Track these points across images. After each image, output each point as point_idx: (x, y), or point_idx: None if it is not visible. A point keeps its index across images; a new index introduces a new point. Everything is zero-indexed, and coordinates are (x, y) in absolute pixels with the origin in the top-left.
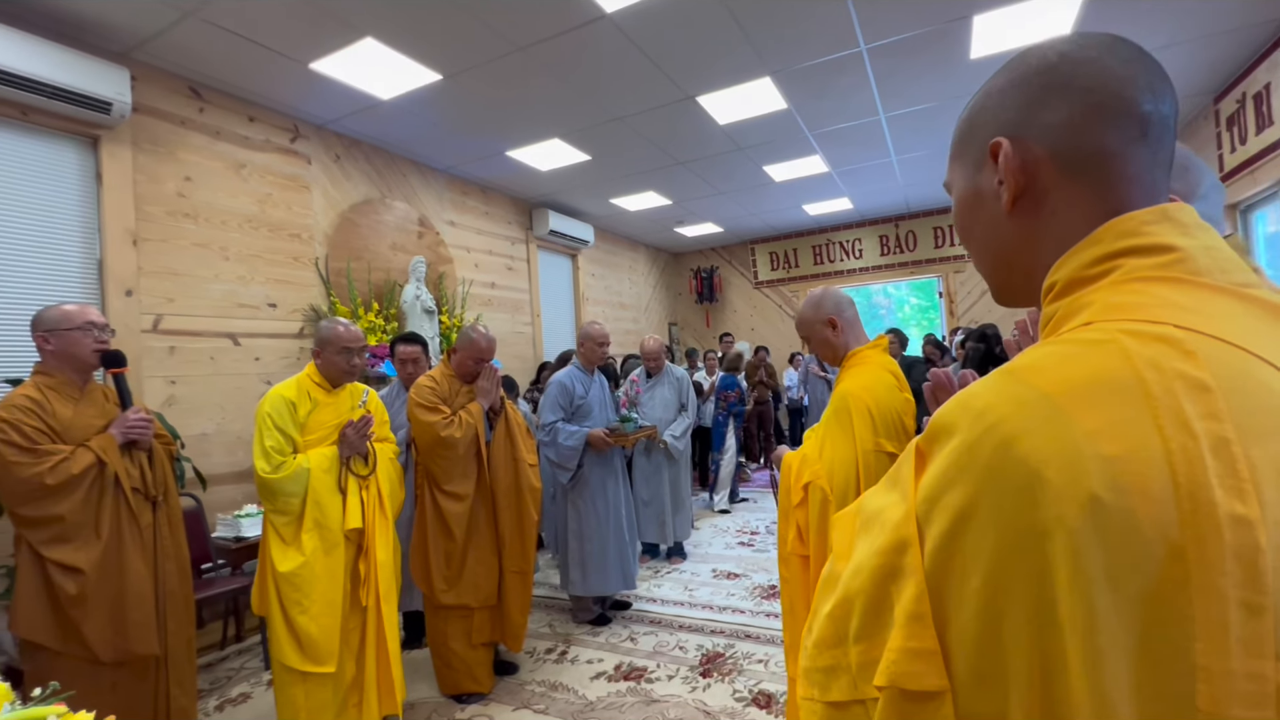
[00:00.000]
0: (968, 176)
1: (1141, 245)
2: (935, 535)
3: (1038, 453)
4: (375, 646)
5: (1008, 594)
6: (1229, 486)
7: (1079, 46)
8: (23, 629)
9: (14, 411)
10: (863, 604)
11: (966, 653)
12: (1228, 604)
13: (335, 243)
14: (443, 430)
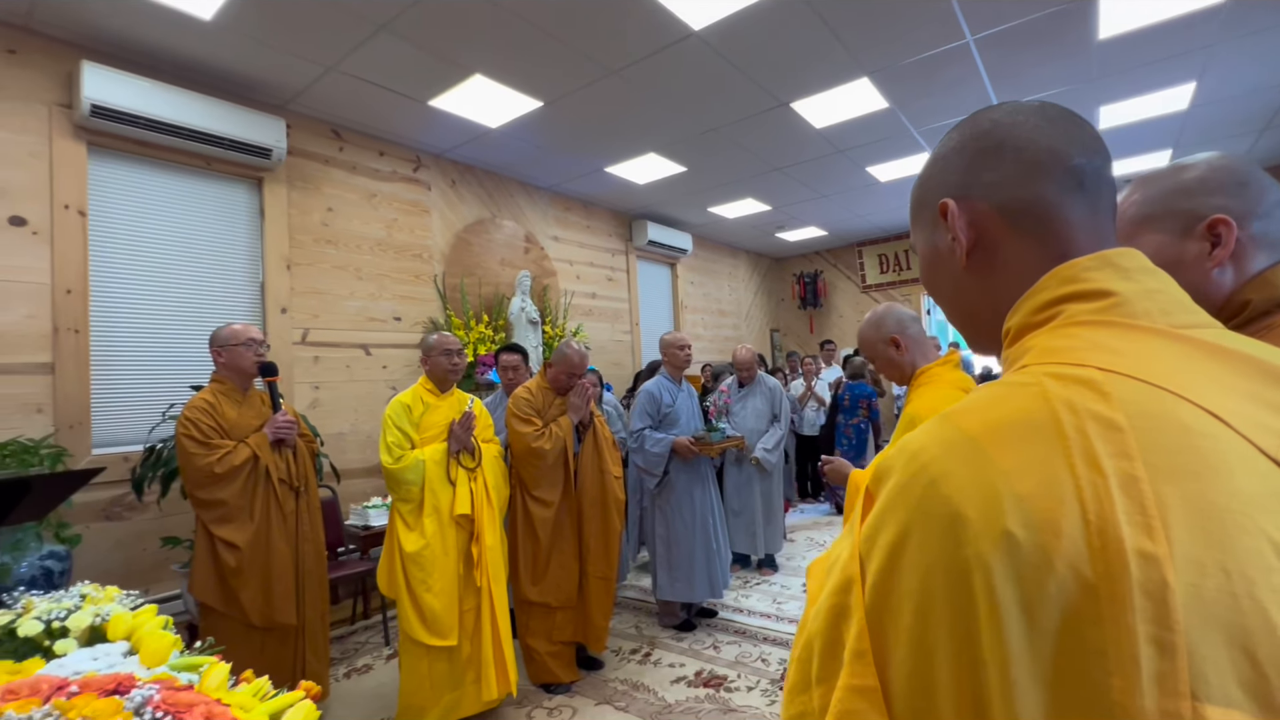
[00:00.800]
0: (925, 237)
1: (1080, 291)
2: (872, 572)
3: (960, 492)
4: (490, 625)
5: (936, 629)
6: (1137, 523)
7: (1009, 114)
8: (197, 591)
9: (195, 412)
10: (820, 645)
11: (902, 689)
12: (1138, 640)
13: (451, 260)
14: (534, 441)
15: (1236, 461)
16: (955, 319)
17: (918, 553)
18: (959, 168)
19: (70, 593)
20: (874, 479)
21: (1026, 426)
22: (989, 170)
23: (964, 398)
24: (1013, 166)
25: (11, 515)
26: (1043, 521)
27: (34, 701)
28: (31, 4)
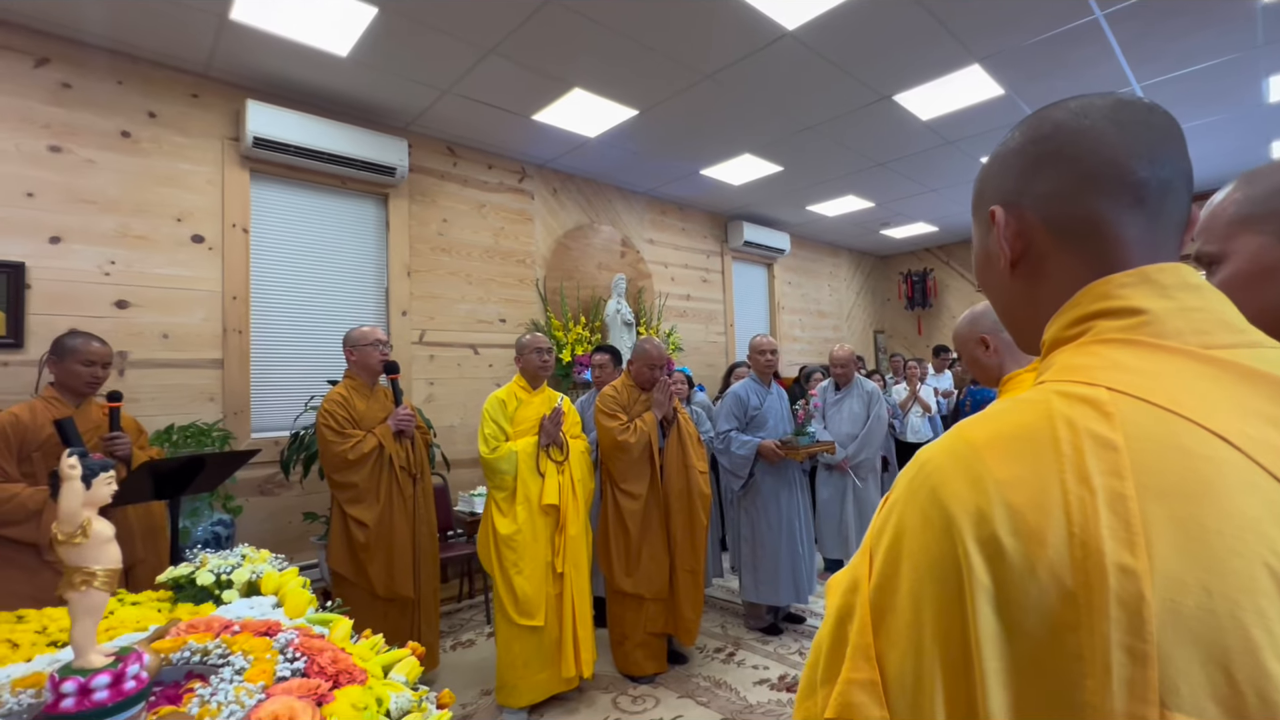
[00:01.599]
0: (980, 236)
1: (1111, 308)
2: (876, 569)
3: (956, 497)
4: (571, 611)
5: (927, 626)
6: (1120, 539)
7: (1075, 115)
8: (333, 562)
9: (331, 404)
10: (826, 647)
11: (897, 682)
12: (1111, 647)
13: (552, 265)
14: (619, 435)
15: (1237, 484)
16: (1003, 319)
17: (915, 553)
18: (1015, 172)
19: (234, 553)
20: (893, 484)
21: (1025, 440)
22: (1043, 179)
23: (974, 415)
24: (1067, 179)
25: (191, 486)
26: (1029, 531)
27: (208, 635)
28: (210, 54)
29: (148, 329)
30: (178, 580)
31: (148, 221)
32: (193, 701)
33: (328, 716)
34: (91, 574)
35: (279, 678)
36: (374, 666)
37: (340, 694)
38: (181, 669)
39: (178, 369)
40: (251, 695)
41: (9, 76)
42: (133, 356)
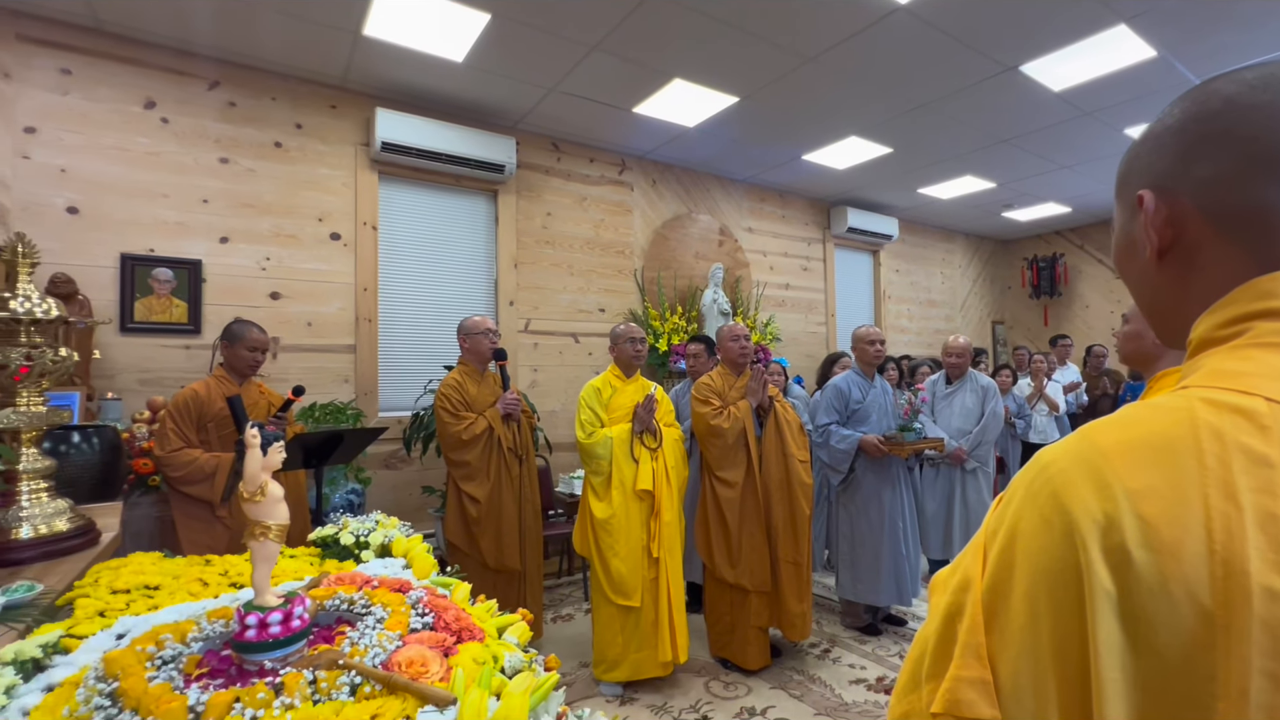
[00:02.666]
0: (1123, 220)
1: (1274, 309)
2: (990, 569)
3: (1080, 503)
4: (667, 594)
5: (1044, 632)
6: (1269, 561)
7: (1251, 88)
8: (448, 533)
9: (447, 388)
10: (933, 644)
11: (1010, 686)
12: (1251, 671)
13: (650, 255)
14: (712, 419)
15: None
16: (1144, 313)
17: (1034, 556)
18: (1171, 153)
19: (369, 518)
20: (1010, 485)
21: (1163, 450)
22: (1205, 162)
23: (1102, 418)
24: (1235, 162)
25: (332, 458)
26: (1163, 544)
27: (353, 588)
28: (346, 68)
29: (295, 317)
30: (325, 539)
31: (295, 222)
32: (345, 642)
33: (453, 666)
34: (267, 527)
35: (412, 629)
36: (490, 628)
37: (463, 649)
38: (333, 614)
39: (319, 353)
40: (391, 642)
41: (189, 99)
42: (284, 342)
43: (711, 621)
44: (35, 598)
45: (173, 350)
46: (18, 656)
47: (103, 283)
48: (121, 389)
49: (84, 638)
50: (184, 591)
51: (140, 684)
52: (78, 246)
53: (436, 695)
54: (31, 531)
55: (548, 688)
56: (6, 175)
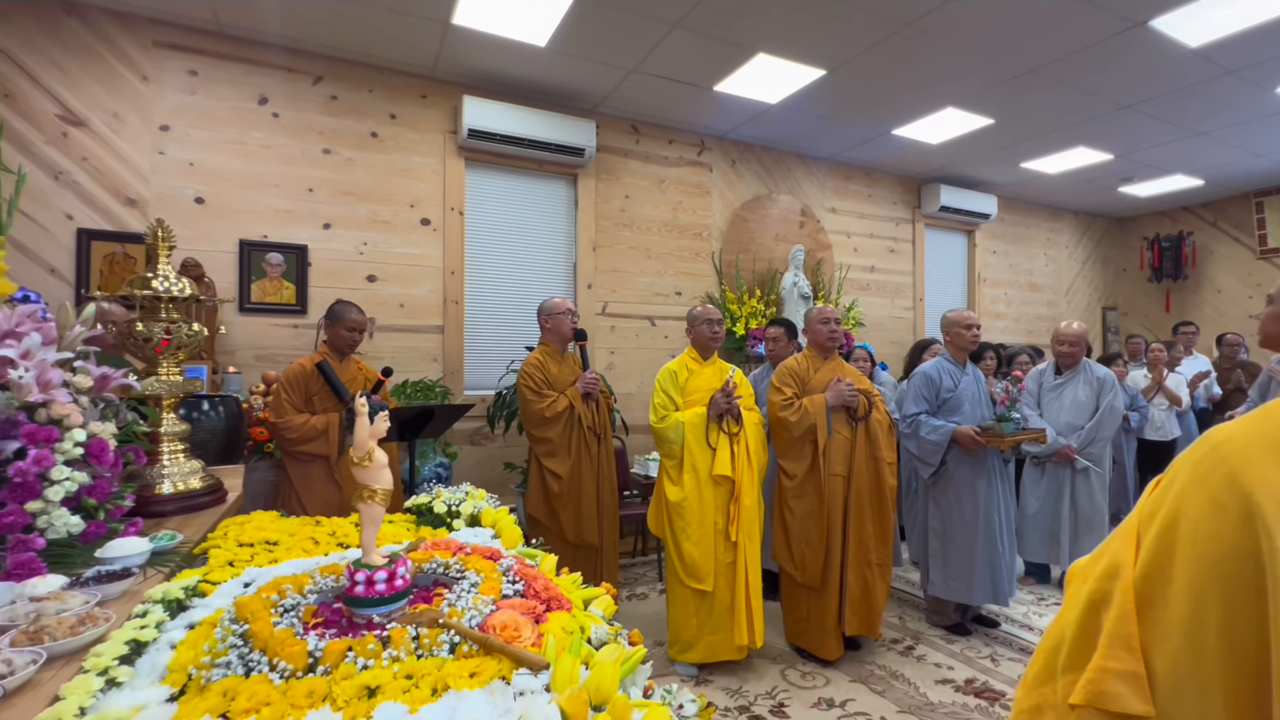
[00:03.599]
0: None
1: None
2: (1146, 555)
3: (1263, 483)
4: (744, 579)
5: (1213, 622)
6: None
7: None
8: (530, 507)
9: (530, 367)
10: (1073, 634)
11: (1168, 679)
12: None
13: (728, 238)
14: (780, 409)
15: None
16: None
17: (1201, 543)
18: None
19: (459, 489)
20: (1172, 464)
21: None
22: None
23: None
24: None
25: (423, 432)
26: None
27: (448, 554)
28: (435, 58)
29: (389, 299)
30: (419, 507)
31: (389, 209)
32: (442, 604)
33: (543, 633)
34: (374, 491)
35: (504, 595)
36: (576, 599)
37: (552, 617)
38: (430, 577)
39: (410, 333)
40: (485, 606)
41: (296, 95)
42: (379, 323)
43: (788, 609)
44: (177, 546)
45: (282, 329)
46: (165, 596)
47: (224, 266)
48: (240, 364)
49: (217, 584)
50: (299, 548)
51: (267, 627)
52: (204, 234)
53: (531, 659)
54: (171, 488)
55: (635, 660)
56: (145, 170)
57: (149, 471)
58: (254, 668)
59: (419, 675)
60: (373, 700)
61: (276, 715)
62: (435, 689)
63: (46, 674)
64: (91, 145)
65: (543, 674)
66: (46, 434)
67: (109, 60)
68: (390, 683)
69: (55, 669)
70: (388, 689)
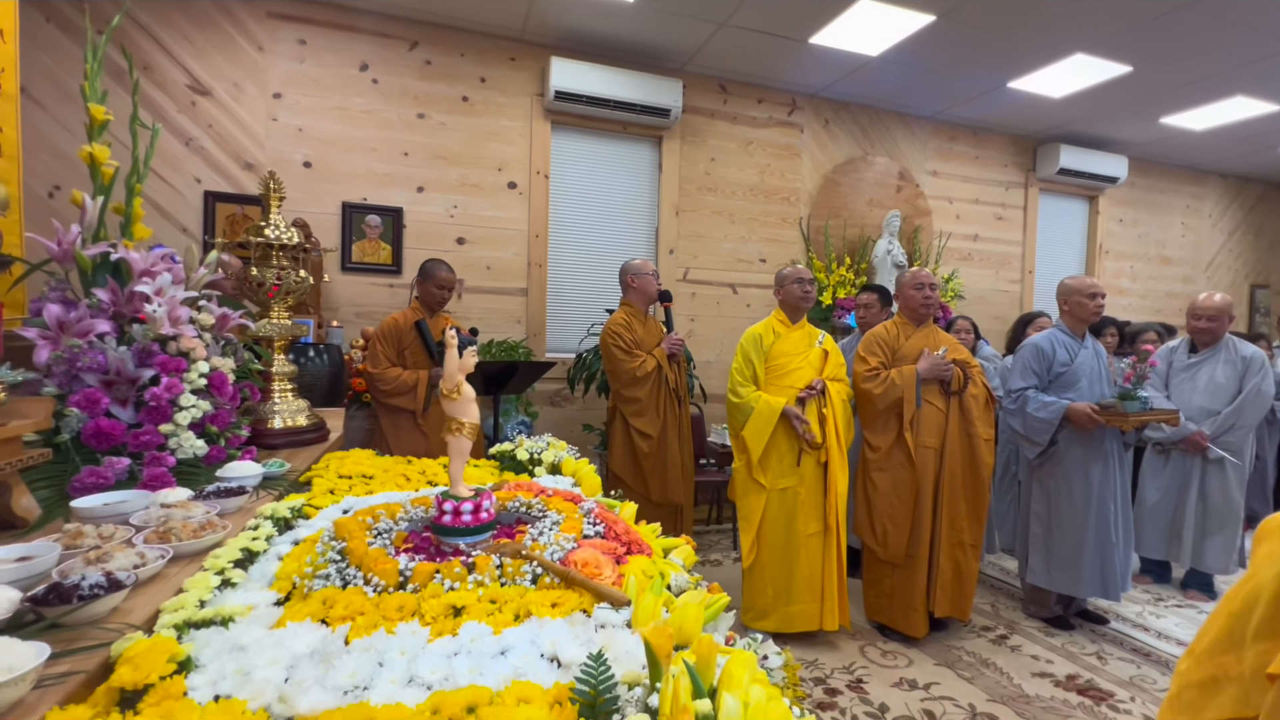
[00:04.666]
0: None
1: None
2: None
3: None
4: (834, 551)
5: None
6: None
7: None
8: (615, 466)
9: (618, 327)
10: (1267, 599)
11: None
12: None
13: (817, 203)
14: (864, 380)
15: None
16: None
17: None
18: None
19: (541, 438)
20: None
21: None
22: None
23: None
24: None
25: (507, 387)
26: None
27: (530, 494)
28: (524, 20)
29: (477, 261)
30: (503, 453)
31: (478, 172)
32: (525, 538)
33: (624, 574)
34: (461, 424)
35: (585, 535)
36: (656, 546)
37: (633, 560)
38: (513, 515)
39: (496, 295)
40: (567, 543)
41: (393, 60)
42: (467, 284)
43: (869, 583)
44: (285, 473)
45: (379, 288)
46: (274, 514)
47: (329, 228)
48: (342, 320)
49: (319, 509)
50: (392, 483)
51: (362, 546)
52: (311, 196)
53: (613, 594)
54: (281, 423)
55: (719, 607)
56: (260, 135)
57: (262, 407)
58: (350, 581)
59: (502, 601)
60: (458, 619)
61: (369, 624)
62: (518, 615)
63: (172, 569)
64: (215, 113)
65: (624, 610)
66: (176, 364)
67: (229, 32)
68: (475, 604)
69: (179, 566)
70: (473, 610)
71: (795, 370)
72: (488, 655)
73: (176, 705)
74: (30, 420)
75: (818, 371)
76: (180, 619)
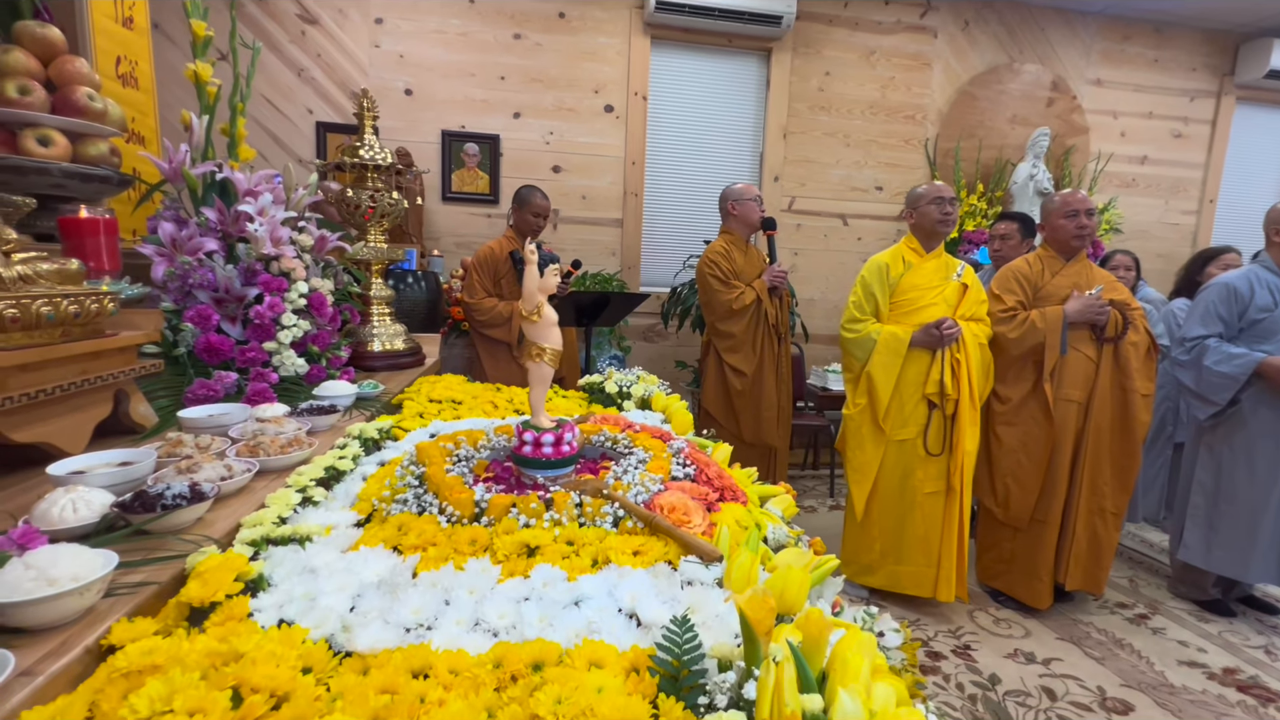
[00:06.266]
0: None
1: None
2: None
3: None
4: (956, 511)
5: None
6: None
7: None
8: (707, 402)
9: (716, 255)
10: None
11: None
12: None
13: (948, 121)
14: (997, 322)
15: None
16: None
17: None
18: None
19: (631, 372)
20: None
21: None
22: None
23: None
24: None
25: (600, 319)
26: None
27: (617, 429)
28: None
29: (572, 190)
30: (592, 385)
31: (575, 95)
32: (609, 475)
33: (715, 523)
34: (542, 349)
35: (673, 477)
36: (752, 493)
37: (725, 508)
38: (597, 450)
39: (591, 226)
40: (653, 484)
41: None
42: (562, 214)
43: (985, 546)
44: (379, 395)
45: (477, 218)
46: (362, 434)
47: (429, 157)
48: (443, 250)
49: (407, 431)
50: (480, 409)
51: (440, 472)
52: (412, 124)
53: (703, 548)
54: (380, 346)
55: (827, 570)
56: (364, 64)
57: (362, 330)
58: (426, 508)
59: (580, 543)
60: (531, 560)
61: (440, 555)
62: (596, 560)
63: (259, 484)
64: (323, 42)
65: (714, 567)
66: (278, 284)
67: None
68: (550, 545)
69: (266, 481)
70: (547, 551)
71: (927, 307)
72: (560, 604)
73: (240, 627)
74: (141, 332)
75: (953, 309)
76: (257, 535)
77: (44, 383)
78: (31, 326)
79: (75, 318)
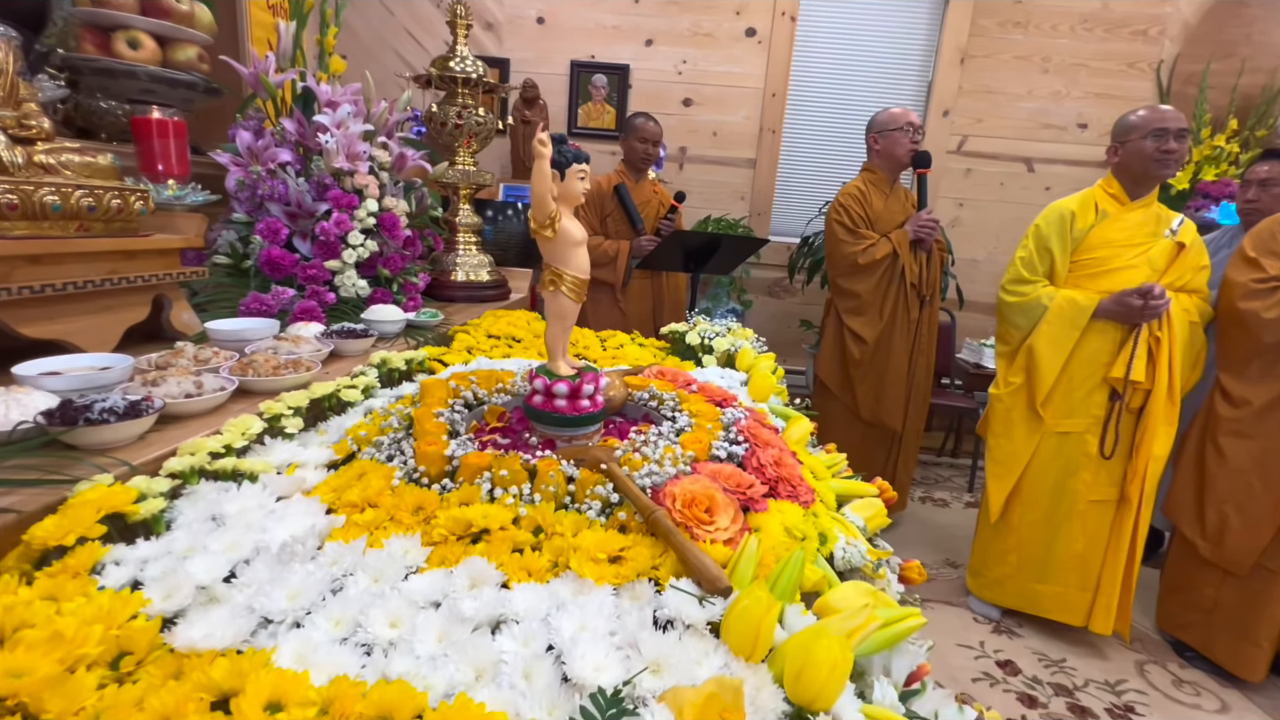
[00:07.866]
0: None
1: None
2: None
3: None
4: (1127, 545)
5: None
6: None
7: None
8: (821, 371)
9: (847, 198)
10: None
11: None
12: None
13: (1196, 37)
14: (1248, 298)
15: None
16: None
17: None
18: None
19: (720, 322)
20: None
21: None
22: None
23: None
24: None
25: (709, 264)
26: None
27: (670, 387)
28: None
29: (703, 126)
30: (673, 334)
31: (713, 18)
32: (625, 445)
33: (750, 530)
34: (559, 275)
35: (713, 455)
36: (825, 490)
37: (774, 506)
38: (640, 410)
39: (720, 166)
40: (677, 463)
41: None
42: (690, 152)
43: (1173, 585)
44: (436, 324)
45: (602, 155)
46: (385, 363)
47: (557, 89)
48: None
49: (447, 365)
50: (535, 350)
51: (428, 415)
52: (542, 55)
53: (705, 570)
54: (463, 276)
55: (902, 632)
56: None
57: (445, 258)
58: (395, 457)
59: (550, 531)
60: (474, 547)
61: (370, 521)
62: (556, 562)
63: (241, 405)
64: None
65: (711, 605)
66: (349, 201)
67: None
68: (499, 533)
69: (251, 403)
70: (494, 540)
71: (1121, 269)
72: (473, 622)
73: (68, 584)
74: (180, 236)
75: (1159, 274)
76: (186, 465)
77: (57, 277)
78: (35, 216)
79: (90, 211)
